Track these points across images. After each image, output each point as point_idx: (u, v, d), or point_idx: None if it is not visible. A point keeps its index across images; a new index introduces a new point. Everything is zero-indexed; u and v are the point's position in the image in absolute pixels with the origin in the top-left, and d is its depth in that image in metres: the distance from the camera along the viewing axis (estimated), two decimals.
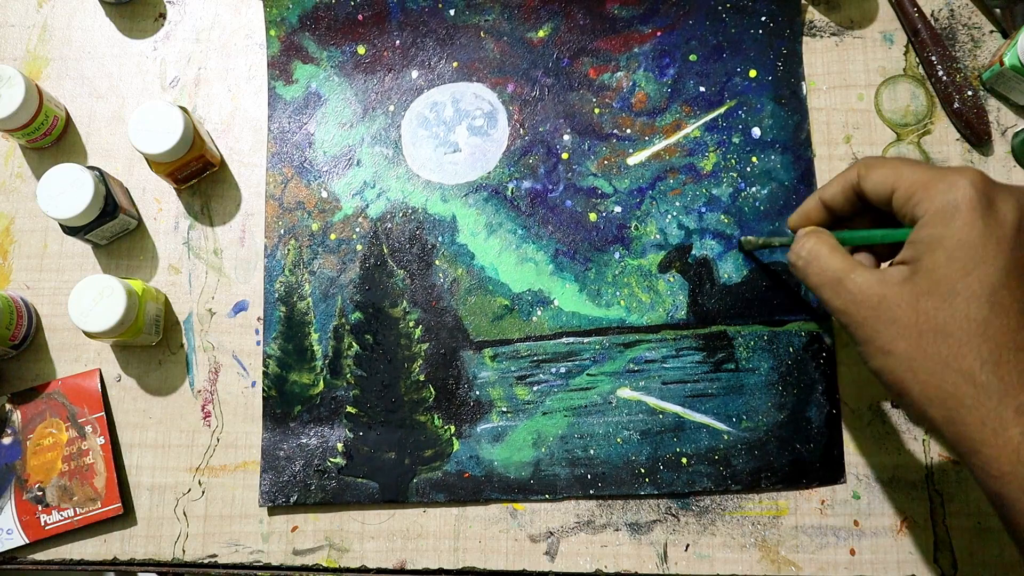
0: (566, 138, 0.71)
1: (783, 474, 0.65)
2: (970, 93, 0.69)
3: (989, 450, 0.47)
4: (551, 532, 0.66)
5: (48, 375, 0.70)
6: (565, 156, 0.71)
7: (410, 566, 0.66)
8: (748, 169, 0.70)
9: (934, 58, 0.70)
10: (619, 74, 0.72)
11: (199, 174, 0.71)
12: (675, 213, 0.69)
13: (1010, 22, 0.71)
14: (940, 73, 0.70)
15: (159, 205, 0.72)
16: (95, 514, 0.66)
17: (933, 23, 0.72)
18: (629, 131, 0.71)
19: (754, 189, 0.69)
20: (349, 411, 0.68)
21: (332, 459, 0.67)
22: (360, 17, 0.74)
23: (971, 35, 0.72)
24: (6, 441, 0.67)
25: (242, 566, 0.66)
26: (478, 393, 0.67)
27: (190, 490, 0.68)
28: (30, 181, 0.73)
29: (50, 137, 0.72)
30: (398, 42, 0.73)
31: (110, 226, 0.68)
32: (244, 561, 0.66)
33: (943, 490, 0.65)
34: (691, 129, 0.71)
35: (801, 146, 0.70)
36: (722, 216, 0.69)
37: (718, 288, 0.68)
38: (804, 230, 0.59)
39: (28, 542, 0.66)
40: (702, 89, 0.71)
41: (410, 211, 0.70)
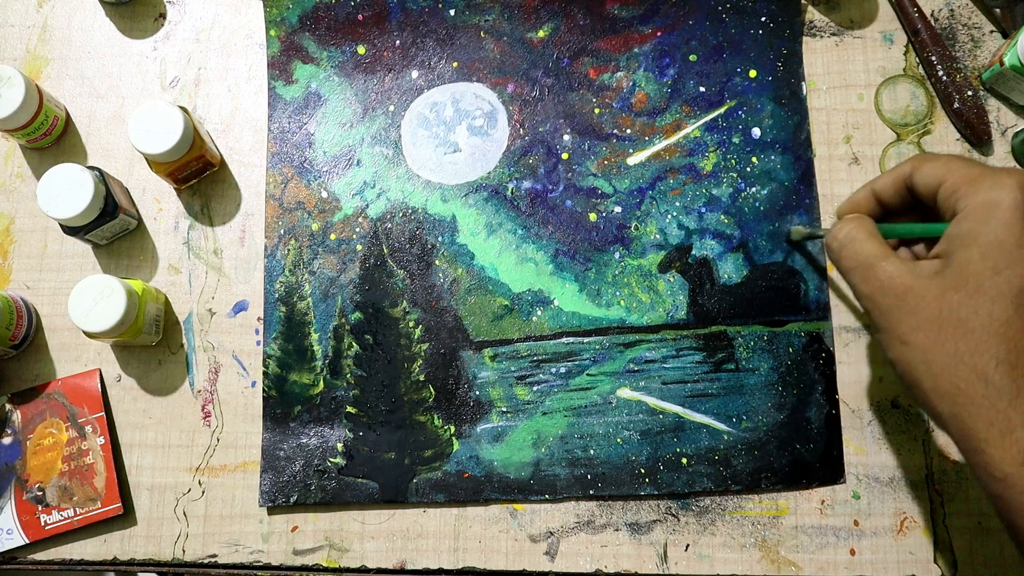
0: (566, 138, 0.71)
1: (783, 474, 0.65)
2: (970, 93, 0.69)
3: (994, 451, 0.47)
4: (551, 532, 0.66)
5: (48, 375, 0.70)
6: (565, 156, 0.71)
7: (410, 566, 0.66)
8: (748, 169, 0.70)
9: (934, 58, 0.70)
10: (619, 74, 0.72)
11: (199, 174, 0.71)
12: (675, 213, 0.69)
13: (1010, 22, 0.71)
14: (940, 73, 0.70)
15: (159, 205, 0.72)
16: (95, 514, 0.66)
17: (933, 23, 0.72)
18: (629, 131, 0.71)
19: (754, 189, 0.69)
20: (349, 411, 0.68)
21: (332, 459, 0.67)
22: (360, 17, 0.74)
23: (971, 35, 0.72)
24: (6, 441, 0.67)
25: (242, 566, 0.66)
26: (478, 393, 0.67)
27: (190, 490, 0.68)
28: (30, 181, 0.73)
29: (50, 137, 0.72)
30: (398, 42, 0.73)
31: (110, 226, 0.68)
32: (244, 561, 0.66)
33: (943, 490, 0.65)
34: (691, 129, 0.71)
35: (801, 146, 0.70)
36: (722, 216, 0.69)
37: (718, 288, 0.68)
38: (847, 216, 0.59)
39: (28, 542, 0.66)
40: (702, 89, 0.71)
41: (410, 211, 0.70)
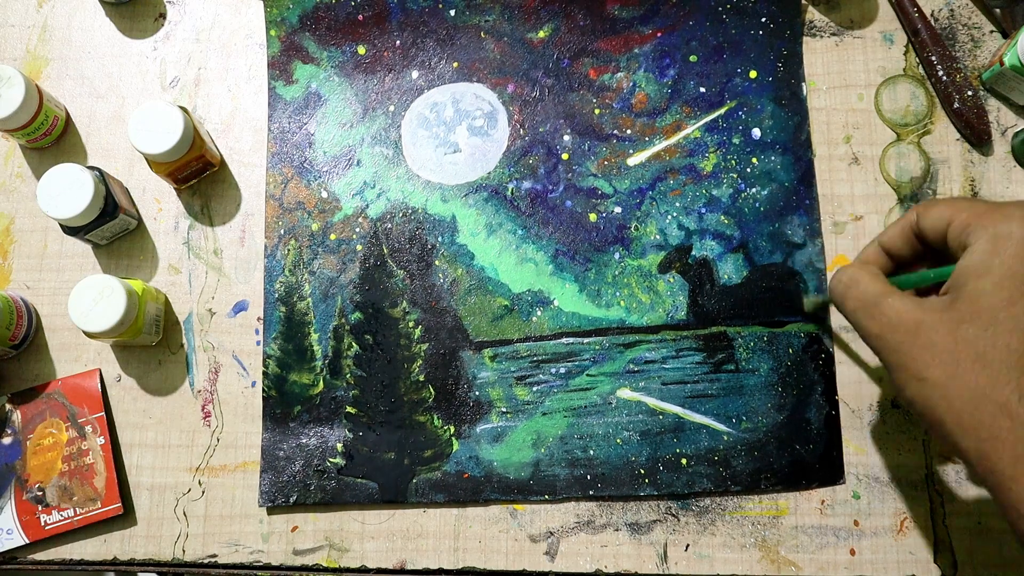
0: (566, 138, 0.71)
1: (783, 475, 0.65)
2: (970, 93, 0.69)
3: (1020, 487, 0.45)
4: (551, 532, 0.66)
5: (48, 375, 0.70)
6: (565, 156, 0.71)
7: (410, 566, 0.66)
8: (748, 170, 0.70)
9: (934, 58, 0.70)
10: (619, 75, 0.72)
11: (199, 174, 0.71)
12: (675, 214, 0.69)
13: (1010, 22, 0.71)
14: (940, 73, 0.70)
15: (159, 205, 0.72)
16: (95, 514, 0.66)
17: (933, 23, 0.72)
18: (629, 132, 0.71)
19: (754, 190, 0.69)
20: (349, 411, 0.68)
21: (332, 459, 0.67)
22: (360, 17, 0.74)
23: (971, 35, 0.72)
24: (6, 441, 0.67)
25: (242, 566, 0.66)
26: (478, 393, 0.67)
27: (190, 490, 0.68)
28: (30, 181, 0.73)
29: (50, 137, 0.72)
30: (398, 42, 0.73)
31: (110, 226, 0.68)
32: (244, 561, 0.66)
33: (943, 490, 0.65)
34: (691, 130, 0.71)
35: (801, 147, 0.70)
36: (722, 217, 0.69)
37: (718, 289, 0.68)
38: (846, 264, 0.57)
39: (28, 542, 0.66)
40: (702, 90, 0.71)
41: (410, 211, 0.70)
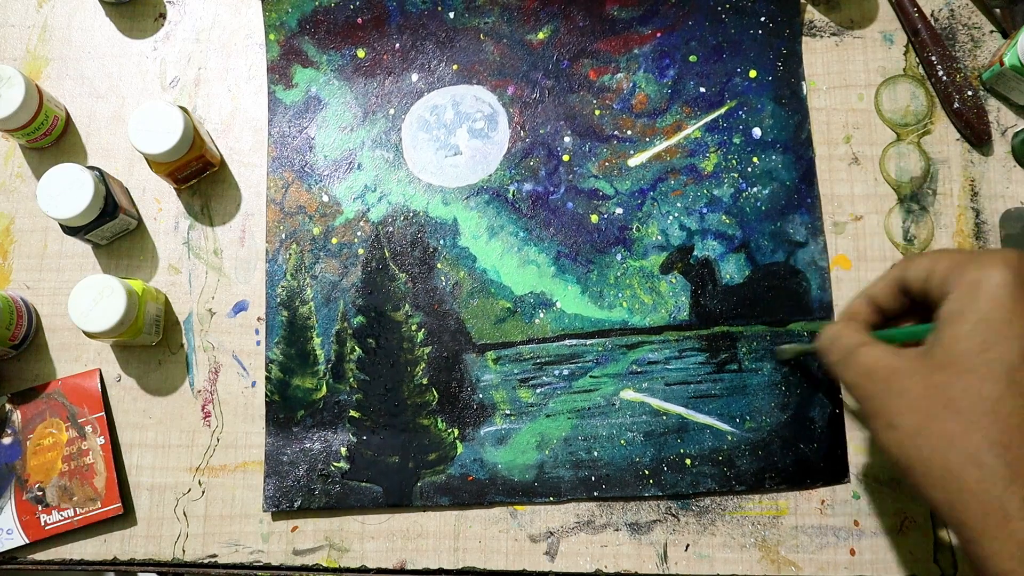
0: (567, 140, 0.71)
1: (787, 474, 0.65)
2: (970, 93, 0.69)
3: (991, 543, 0.44)
4: (551, 532, 0.66)
5: (48, 375, 0.70)
6: (566, 158, 0.71)
7: (410, 566, 0.66)
8: (749, 169, 0.70)
9: (934, 58, 0.70)
10: (619, 75, 0.72)
11: (199, 174, 0.71)
12: (676, 214, 0.69)
13: (1010, 22, 0.71)
14: (940, 73, 0.70)
15: (159, 205, 0.72)
16: (95, 514, 0.66)
17: (933, 23, 0.72)
18: (630, 132, 0.71)
19: (755, 189, 0.69)
20: (352, 415, 0.68)
21: (336, 463, 0.67)
22: (359, 21, 0.73)
23: (971, 35, 0.72)
24: (6, 441, 0.67)
25: (242, 566, 0.67)
26: (481, 396, 0.67)
27: (190, 490, 0.68)
28: (30, 181, 0.73)
29: (50, 137, 0.72)
30: (398, 45, 0.73)
31: (110, 226, 0.68)
32: (244, 561, 0.66)
33: None
34: (692, 130, 0.71)
35: (802, 146, 0.70)
36: (723, 217, 0.69)
37: (720, 289, 0.68)
38: (833, 323, 0.57)
39: (28, 542, 0.66)
40: (702, 90, 0.71)
41: (411, 214, 0.70)
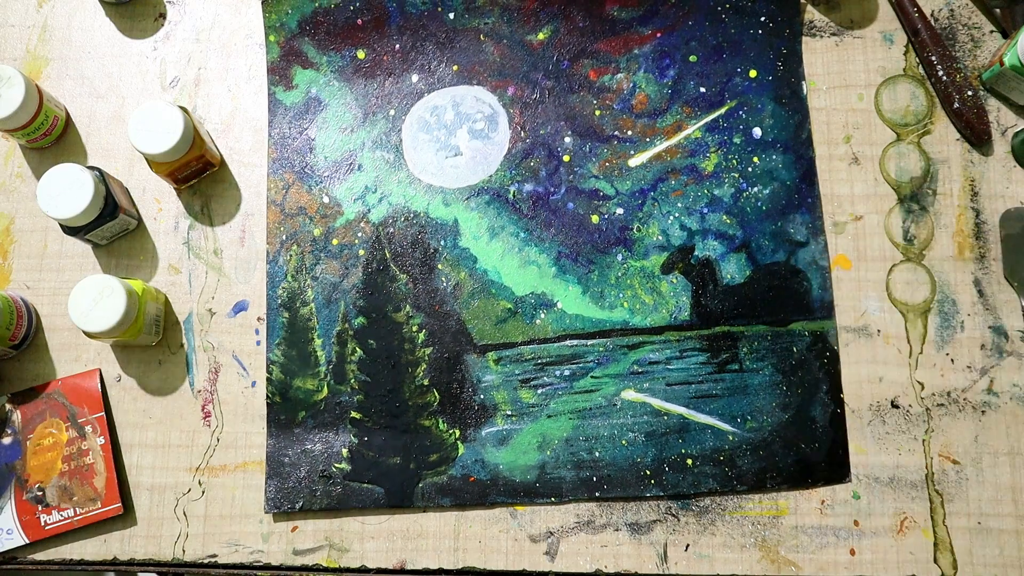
0: (567, 140, 0.71)
1: (788, 474, 0.65)
2: (970, 93, 0.69)
3: None
4: (551, 532, 0.66)
5: (48, 375, 0.70)
6: (566, 158, 0.71)
7: (410, 566, 0.66)
8: (749, 169, 0.70)
9: (934, 58, 0.70)
10: (619, 76, 0.72)
11: (199, 174, 0.71)
12: (677, 214, 0.69)
13: (1010, 22, 0.71)
14: (940, 73, 0.70)
15: (159, 205, 0.72)
16: (95, 514, 0.66)
17: (933, 23, 0.72)
18: (630, 133, 0.71)
19: (756, 189, 0.69)
20: (353, 416, 0.68)
21: (337, 464, 0.67)
22: (359, 22, 0.73)
23: (971, 35, 0.72)
24: (6, 441, 0.67)
25: (242, 566, 0.66)
26: (482, 397, 0.67)
27: (190, 490, 0.67)
28: (30, 181, 0.73)
29: (50, 137, 0.72)
30: (398, 46, 0.73)
31: (110, 226, 0.68)
32: (244, 561, 0.66)
33: (943, 490, 0.65)
34: (692, 130, 0.71)
35: (802, 145, 0.70)
36: (724, 216, 0.69)
37: (721, 289, 0.68)
38: None
39: (28, 542, 0.66)
40: (702, 90, 0.71)
41: (412, 215, 0.70)
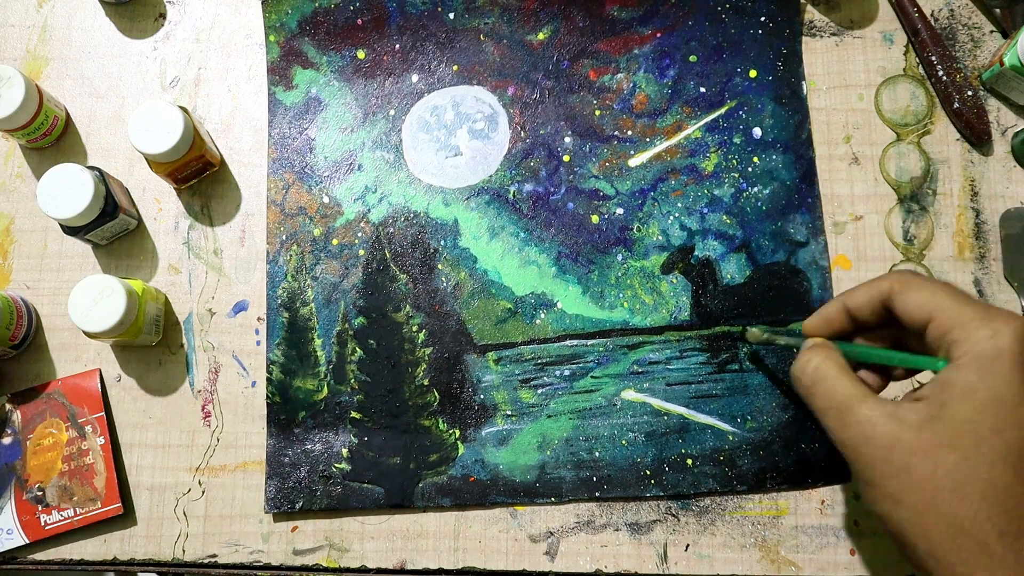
0: (567, 140, 0.71)
1: (789, 474, 0.65)
2: (970, 93, 0.69)
3: None
4: (551, 532, 0.66)
5: (48, 375, 0.69)
6: (566, 158, 0.71)
7: (410, 566, 0.66)
8: (749, 169, 0.70)
9: (934, 58, 0.70)
10: (619, 76, 0.72)
11: (199, 174, 0.71)
12: (677, 214, 0.69)
13: (1010, 22, 0.71)
14: (940, 73, 0.70)
15: (159, 205, 0.72)
16: (95, 514, 0.66)
17: (933, 23, 0.72)
18: (630, 133, 0.71)
19: (756, 189, 0.69)
20: (353, 416, 0.68)
21: (337, 465, 0.67)
22: (359, 22, 0.73)
23: (971, 35, 0.72)
24: (6, 441, 0.67)
25: (242, 566, 0.66)
26: (482, 397, 0.67)
27: (190, 490, 0.68)
28: (30, 181, 0.73)
29: (50, 137, 0.72)
30: (398, 46, 0.73)
31: (110, 226, 0.68)
32: (244, 561, 0.66)
33: None
34: (692, 130, 0.71)
35: (802, 145, 0.70)
36: (724, 217, 0.69)
37: (721, 289, 0.68)
38: (810, 342, 0.56)
39: (28, 542, 0.66)
40: (702, 90, 0.71)
41: (412, 215, 0.70)
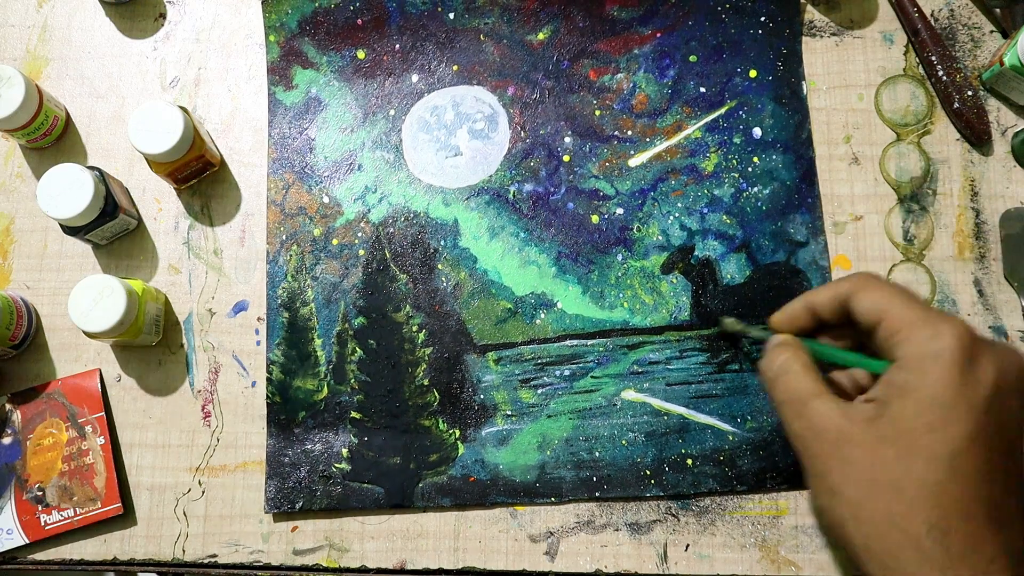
0: (567, 140, 0.71)
1: (788, 474, 0.65)
2: (970, 93, 0.69)
3: None
4: (551, 532, 0.66)
5: (48, 375, 0.69)
6: (566, 158, 0.71)
7: (410, 566, 0.66)
8: (749, 169, 0.70)
9: (934, 58, 0.70)
10: (619, 76, 0.72)
11: (199, 174, 0.71)
12: (677, 214, 0.69)
13: (1010, 22, 0.71)
14: (940, 73, 0.70)
15: (159, 205, 0.72)
16: (95, 514, 0.66)
17: (933, 23, 0.72)
18: (630, 133, 0.71)
19: (756, 189, 0.69)
20: (354, 416, 0.67)
21: (337, 465, 0.67)
22: (359, 22, 0.73)
23: (971, 35, 0.72)
24: (6, 441, 0.67)
25: (242, 566, 0.66)
26: (482, 397, 0.67)
27: (190, 490, 0.68)
28: (30, 181, 0.73)
29: (50, 137, 0.72)
30: (398, 46, 0.73)
31: (110, 226, 0.68)
32: (244, 561, 0.66)
33: None
34: (692, 130, 0.71)
35: (802, 145, 0.70)
36: (724, 217, 0.69)
37: (721, 289, 0.68)
38: (779, 339, 0.57)
39: (28, 542, 0.66)
40: (702, 90, 0.71)
41: (412, 215, 0.70)
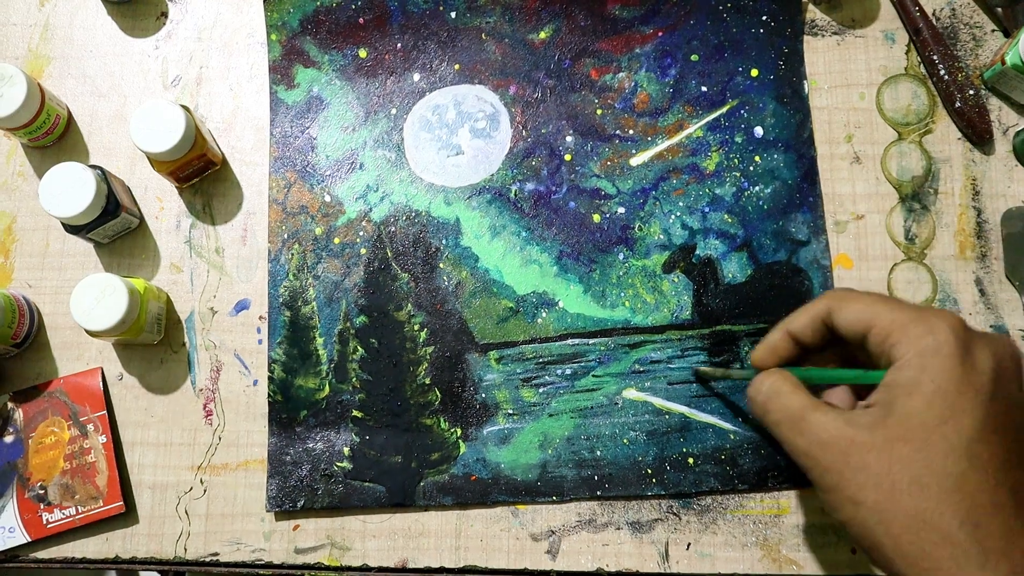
0: (569, 139, 0.71)
1: (790, 473, 0.65)
2: (972, 92, 0.69)
3: None
4: (552, 531, 0.66)
5: (50, 374, 0.70)
6: (568, 157, 0.71)
7: (411, 565, 0.66)
8: (751, 168, 0.70)
9: (936, 57, 0.70)
10: (621, 75, 0.72)
11: (201, 173, 0.71)
12: (679, 213, 0.69)
13: (1011, 21, 0.71)
14: (942, 72, 0.70)
15: (161, 204, 0.72)
16: (97, 512, 0.66)
17: (935, 22, 0.72)
18: (632, 132, 0.71)
19: (757, 188, 0.69)
20: (355, 415, 0.68)
21: (339, 463, 0.67)
22: (361, 20, 0.73)
23: (973, 34, 0.72)
24: (8, 439, 0.67)
25: (244, 564, 0.67)
26: (484, 396, 0.67)
27: (192, 488, 0.68)
28: (32, 180, 0.73)
29: (52, 136, 0.72)
30: (399, 45, 0.73)
31: (112, 225, 0.68)
32: (246, 560, 0.67)
33: None
34: (693, 129, 0.71)
35: (804, 145, 0.70)
36: (726, 216, 0.69)
37: (723, 288, 0.68)
38: (767, 370, 0.57)
39: (30, 540, 0.66)
40: (704, 89, 0.71)
41: (414, 214, 0.70)
